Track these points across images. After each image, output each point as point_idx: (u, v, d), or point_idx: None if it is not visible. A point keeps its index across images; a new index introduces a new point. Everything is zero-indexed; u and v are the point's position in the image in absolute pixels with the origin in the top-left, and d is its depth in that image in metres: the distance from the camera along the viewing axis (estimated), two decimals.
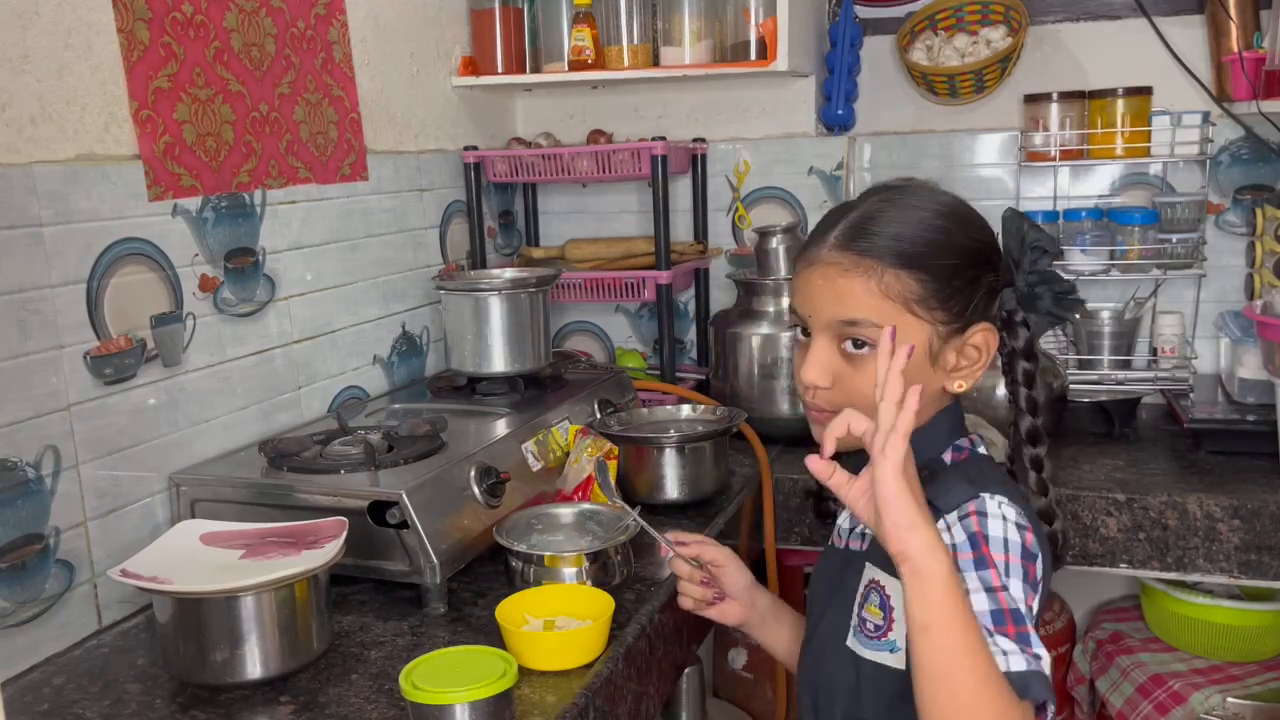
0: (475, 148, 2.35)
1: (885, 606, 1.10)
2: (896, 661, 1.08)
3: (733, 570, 1.36)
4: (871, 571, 1.13)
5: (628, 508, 1.48)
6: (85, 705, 1.24)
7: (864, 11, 2.48)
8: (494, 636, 1.30)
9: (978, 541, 1.01)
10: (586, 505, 1.62)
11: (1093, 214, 2.36)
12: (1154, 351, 2.32)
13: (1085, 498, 1.86)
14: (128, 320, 1.48)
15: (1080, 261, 2.30)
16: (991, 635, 0.94)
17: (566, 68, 2.31)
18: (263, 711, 1.21)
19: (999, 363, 1.20)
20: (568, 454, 1.75)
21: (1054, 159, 2.35)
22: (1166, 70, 2.32)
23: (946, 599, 0.92)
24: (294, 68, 1.81)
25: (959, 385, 1.12)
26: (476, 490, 1.53)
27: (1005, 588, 0.98)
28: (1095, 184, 2.43)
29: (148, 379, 1.52)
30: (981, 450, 1.17)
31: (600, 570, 1.44)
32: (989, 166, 2.48)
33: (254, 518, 1.44)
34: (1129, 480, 1.90)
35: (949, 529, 1.03)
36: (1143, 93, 2.28)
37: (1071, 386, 2.17)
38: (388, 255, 2.08)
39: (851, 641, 1.13)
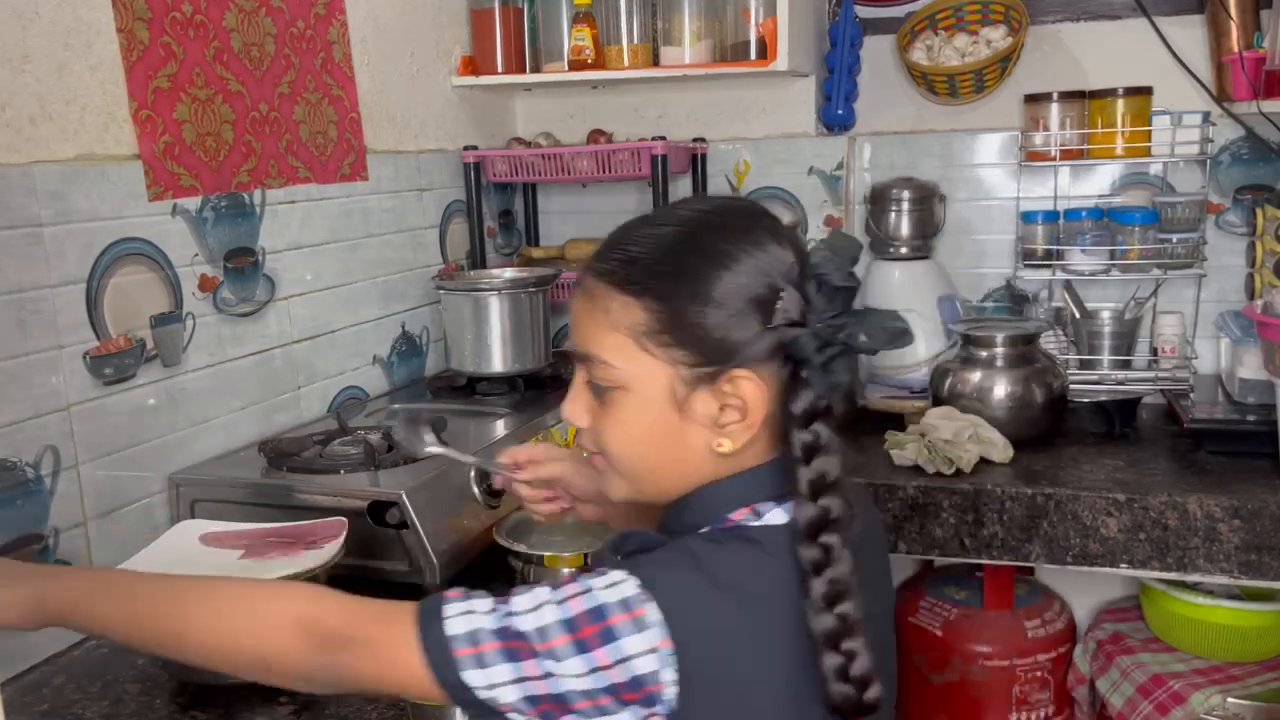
0: (475, 147, 2.35)
1: None
2: None
3: (575, 478, 1.18)
4: None
5: (463, 455, 1.32)
6: (85, 705, 1.24)
7: (864, 11, 2.48)
8: None
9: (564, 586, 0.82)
10: None
11: (1093, 214, 2.36)
12: (1154, 351, 2.32)
13: (1085, 498, 1.85)
14: (127, 320, 1.48)
15: (1080, 261, 2.30)
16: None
17: (566, 67, 2.31)
18: (262, 712, 1.21)
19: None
20: None
21: (1054, 159, 2.34)
22: (1167, 70, 2.32)
23: None
24: (294, 67, 1.81)
25: (720, 444, 0.88)
26: (476, 490, 1.53)
27: (536, 608, 0.80)
28: (1095, 184, 2.43)
29: (147, 379, 1.52)
30: (758, 524, 0.88)
31: None
32: (989, 166, 2.48)
33: (254, 518, 1.43)
34: (1129, 480, 1.90)
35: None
36: (1143, 93, 2.28)
37: (1072, 386, 2.17)
38: (387, 255, 2.08)
39: None
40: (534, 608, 0.80)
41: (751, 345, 0.85)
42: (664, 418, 0.88)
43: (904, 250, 2.41)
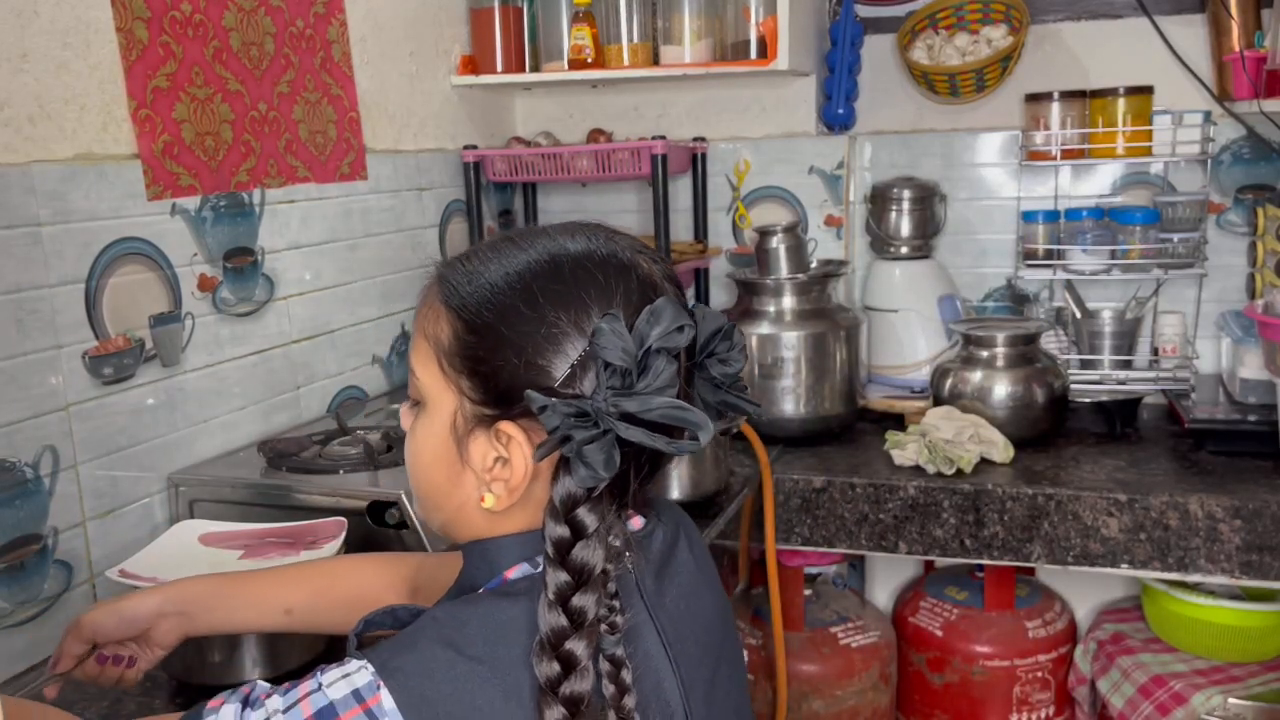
0: (475, 147, 2.35)
1: None
2: None
3: (94, 625, 1.03)
4: None
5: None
6: (84, 705, 1.23)
7: (864, 10, 2.48)
8: None
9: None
10: None
11: (1094, 213, 2.35)
12: (1155, 351, 2.32)
13: (1086, 498, 1.85)
14: (126, 320, 1.48)
15: (1081, 261, 2.30)
16: None
17: (566, 67, 2.31)
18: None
19: None
20: None
21: (1055, 158, 2.34)
22: (1168, 69, 2.31)
23: None
24: (293, 67, 1.81)
25: (484, 499, 0.79)
26: None
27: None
28: (1096, 183, 2.43)
29: (146, 379, 1.51)
30: (534, 573, 0.79)
31: None
32: (990, 166, 2.48)
33: (253, 518, 1.43)
34: (1130, 480, 1.90)
35: None
36: (1144, 92, 2.27)
37: (1072, 386, 2.17)
38: (387, 255, 2.08)
39: None
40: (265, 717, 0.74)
41: (532, 404, 0.73)
42: (446, 447, 0.80)
43: (904, 250, 2.41)
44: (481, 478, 0.79)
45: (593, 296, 0.76)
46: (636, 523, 0.84)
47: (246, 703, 0.78)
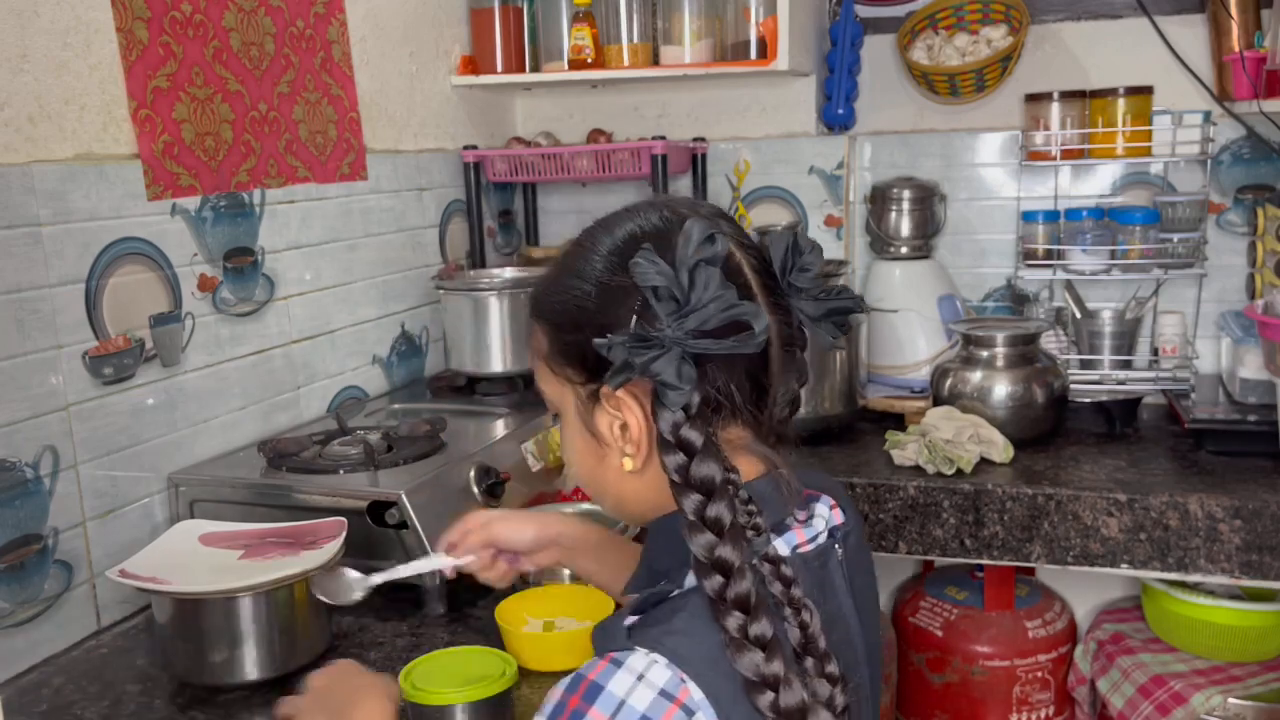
0: (475, 147, 2.35)
1: None
2: None
3: (508, 532, 1.17)
4: None
5: (402, 569, 1.22)
6: (84, 706, 1.23)
7: (864, 10, 2.48)
8: (494, 637, 1.30)
9: (574, 685, 0.73)
10: (586, 505, 1.62)
11: (1094, 213, 2.35)
12: (1155, 351, 2.32)
13: (1086, 498, 1.85)
14: (126, 320, 1.48)
15: (1081, 261, 2.30)
16: None
17: (566, 67, 2.31)
18: (262, 712, 1.21)
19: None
20: None
21: (1055, 158, 2.34)
22: (1168, 70, 2.32)
23: None
24: (293, 67, 1.81)
25: (624, 464, 0.85)
26: (476, 490, 1.53)
27: None
28: (1096, 183, 2.43)
29: (146, 379, 1.51)
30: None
31: None
32: (990, 166, 2.48)
33: (253, 518, 1.43)
34: (1130, 480, 1.90)
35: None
36: (1144, 92, 2.28)
37: (1072, 386, 2.17)
38: (387, 255, 2.08)
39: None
40: None
41: (600, 350, 0.79)
42: (583, 437, 0.88)
43: (904, 250, 2.41)
44: (617, 447, 0.85)
45: (614, 262, 0.83)
46: (838, 515, 0.90)
47: None
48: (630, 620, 0.78)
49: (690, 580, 0.80)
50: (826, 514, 0.89)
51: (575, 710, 0.72)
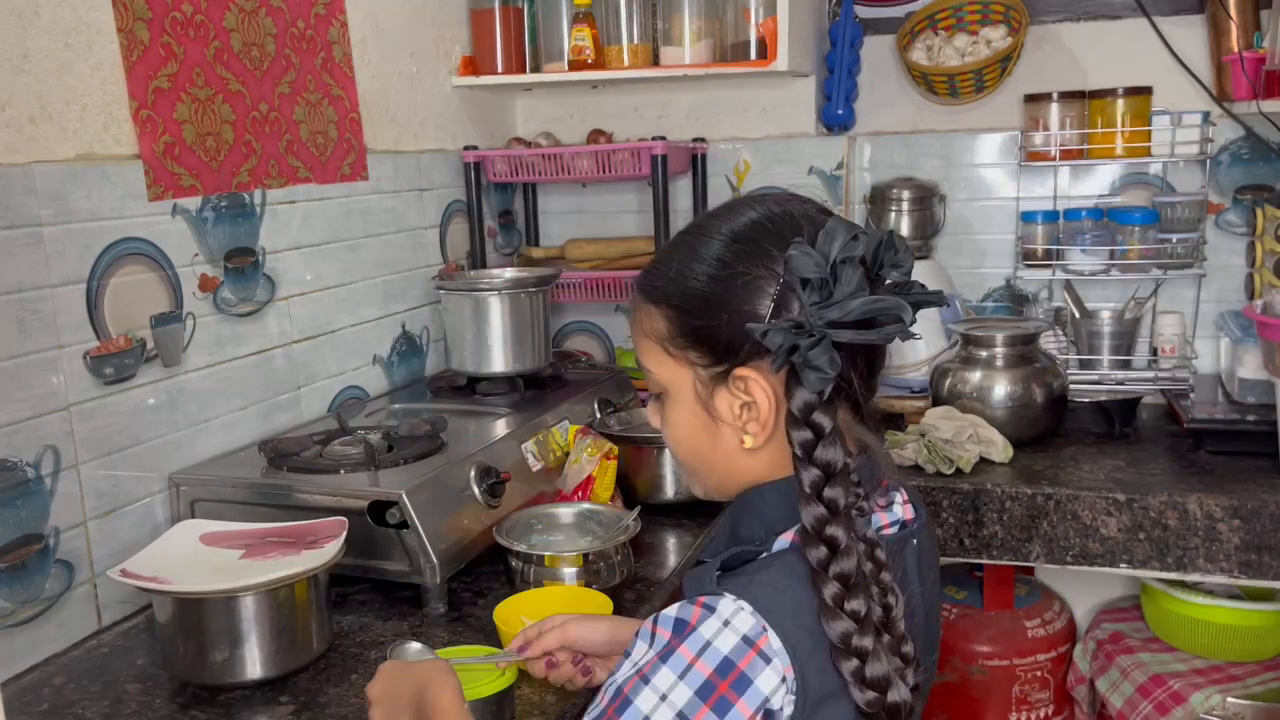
0: (475, 147, 2.35)
1: None
2: None
3: (581, 631, 1.15)
4: None
5: (476, 659, 1.18)
6: (85, 705, 1.24)
7: (864, 11, 2.48)
8: (494, 636, 1.30)
9: (672, 623, 0.81)
10: (586, 505, 1.62)
11: (1093, 214, 2.36)
12: (1154, 351, 2.32)
13: (1085, 498, 1.85)
14: (127, 320, 1.48)
15: (1080, 261, 2.30)
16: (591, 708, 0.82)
17: (566, 67, 2.31)
18: (263, 712, 1.21)
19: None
20: (568, 454, 1.75)
21: (1054, 159, 2.35)
22: (1167, 70, 2.32)
23: None
24: (294, 67, 1.81)
25: (745, 441, 0.91)
26: (476, 490, 1.53)
27: (646, 679, 0.79)
28: (1095, 184, 2.43)
29: (147, 379, 1.52)
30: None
31: (600, 570, 1.44)
32: (989, 166, 2.48)
33: (254, 518, 1.44)
34: (1129, 480, 1.90)
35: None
36: (1143, 92, 2.28)
37: (1072, 386, 2.17)
38: (387, 255, 2.08)
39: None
40: (660, 699, 0.78)
41: (749, 344, 0.87)
42: (698, 416, 0.93)
43: None
44: (735, 426, 0.91)
45: (773, 243, 0.88)
46: (909, 511, 0.95)
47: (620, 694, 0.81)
48: (717, 573, 0.84)
49: (778, 545, 0.87)
50: (899, 505, 0.95)
51: (668, 645, 0.80)
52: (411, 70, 2.18)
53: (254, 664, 1.23)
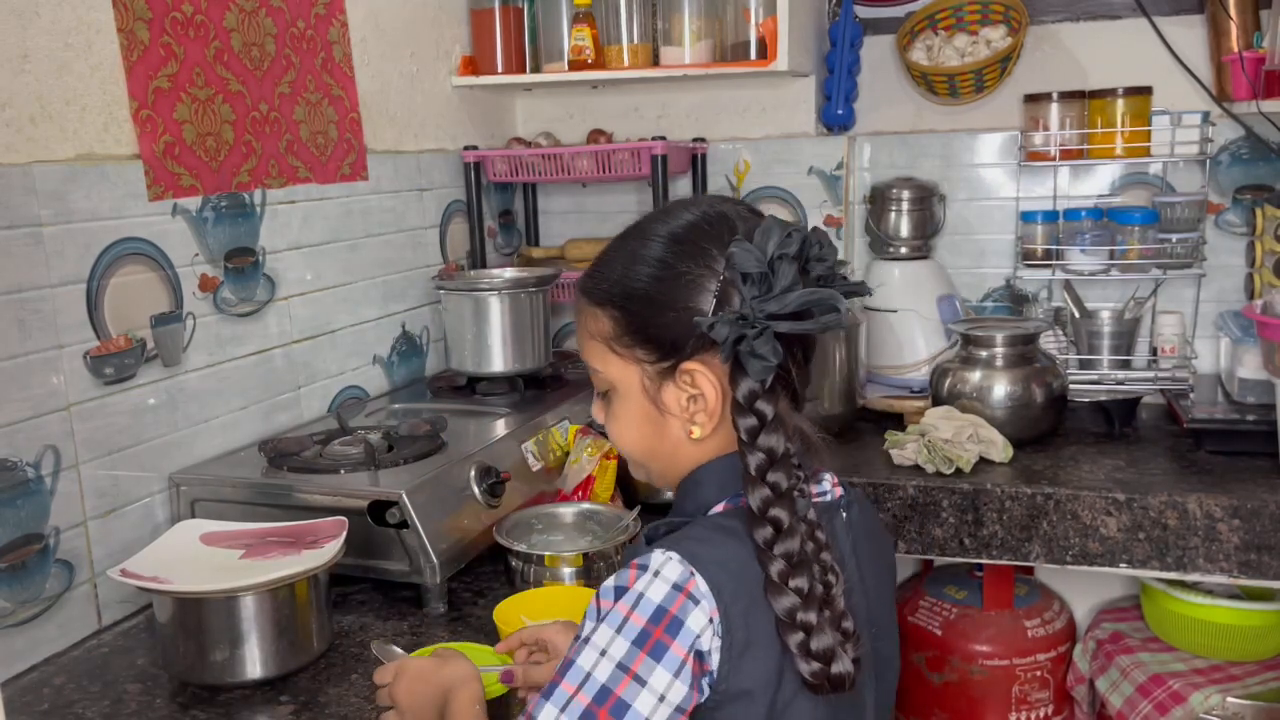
0: (475, 147, 2.35)
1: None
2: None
3: (560, 640, 1.15)
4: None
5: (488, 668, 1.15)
6: (85, 705, 1.24)
7: (864, 11, 2.48)
8: (494, 636, 1.30)
9: (611, 592, 0.87)
10: (586, 505, 1.62)
11: (1093, 214, 2.36)
12: (1154, 351, 2.32)
13: (1085, 497, 1.85)
14: (127, 320, 1.48)
15: (1080, 261, 2.30)
16: (547, 689, 0.85)
17: (566, 67, 2.31)
18: (263, 711, 1.21)
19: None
20: (568, 454, 1.75)
21: (1054, 159, 2.34)
22: (1167, 70, 2.32)
23: None
24: (294, 67, 1.81)
25: (693, 431, 0.96)
26: (476, 490, 1.53)
27: (602, 651, 0.84)
28: (1095, 184, 2.43)
29: (148, 379, 1.52)
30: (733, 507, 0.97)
31: (600, 570, 1.44)
32: (989, 166, 2.48)
33: (254, 518, 1.44)
34: (1129, 480, 1.90)
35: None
36: (1143, 92, 2.28)
37: (1071, 386, 2.17)
38: (387, 255, 2.08)
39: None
40: (600, 654, 0.84)
41: (694, 339, 0.92)
42: (645, 410, 0.98)
43: (904, 250, 2.42)
44: (683, 418, 0.96)
45: (711, 243, 0.93)
46: (839, 490, 1.02)
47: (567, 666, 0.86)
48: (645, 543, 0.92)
49: (720, 508, 0.94)
50: (828, 484, 1.02)
51: (606, 611, 0.86)
52: (411, 70, 2.18)
53: (254, 664, 1.23)
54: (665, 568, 0.85)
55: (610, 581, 0.88)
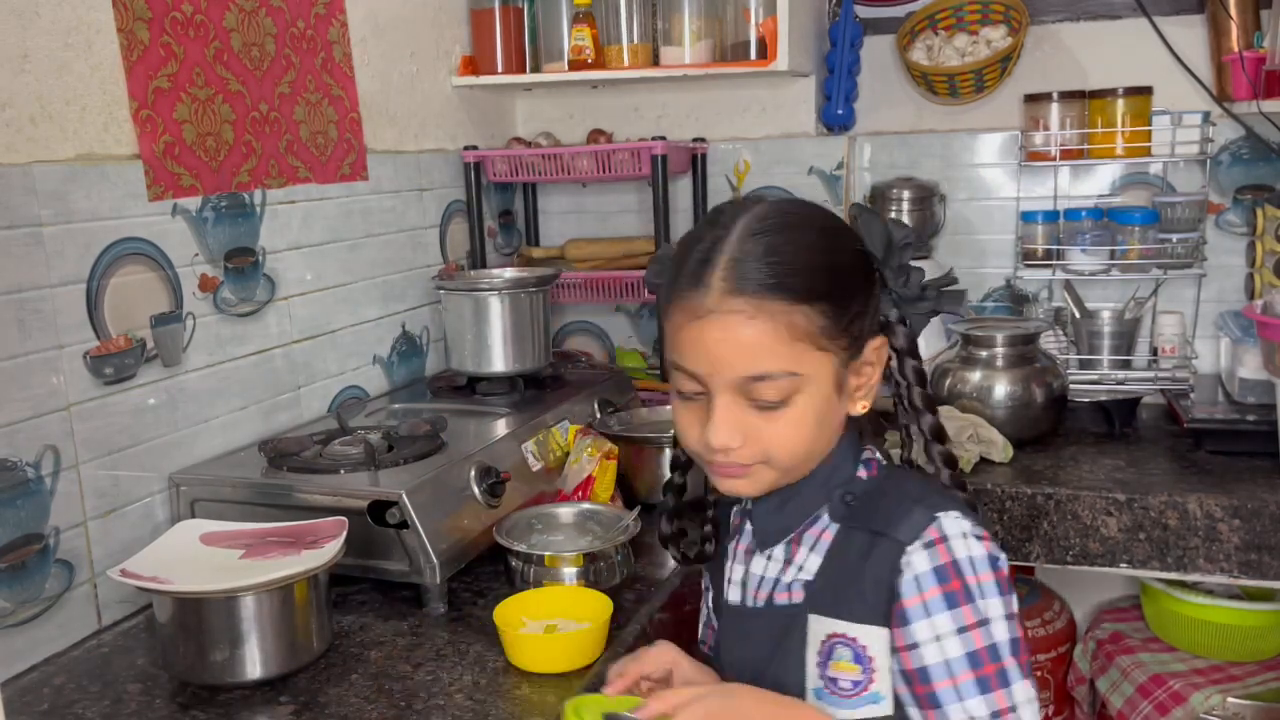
0: (475, 147, 2.35)
1: (861, 659, 0.97)
2: (885, 709, 0.97)
3: (685, 666, 1.09)
4: (824, 624, 0.99)
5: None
6: (85, 705, 1.24)
7: (864, 11, 2.48)
8: (494, 636, 1.30)
9: (946, 573, 0.94)
10: (586, 505, 1.62)
11: (1093, 214, 2.36)
12: (1154, 351, 2.32)
13: (1085, 497, 1.85)
14: (127, 320, 1.48)
15: (1080, 261, 2.30)
16: (961, 688, 0.92)
17: (566, 67, 2.31)
18: (263, 711, 1.21)
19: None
20: (568, 454, 1.75)
21: (1054, 159, 2.34)
22: (1167, 70, 2.32)
23: None
24: (294, 67, 1.81)
25: (861, 407, 1.04)
26: (476, 490, 1.53)
27: (984, 621, 0.93)
28: (1095, 184, 2.43)
29: (147, 379, 1.52)
30: (879, 458, 1.11)
31: (600, 570, 1.44)
32: (989, 166, 2.48)
33: (254, 518, 1.44)
34: (1129, 480, 1.90)
35: (910, 562, 0.95)
36: (1143, 92, 2.28)
37: (1072, 386, 2.17)
38: (387, 255, 2.08)
39: (818, 706, 0.99)
40: (982, 622, 0.94)
41: (873, 315, 1.02)
42: (829, 403, 1.00)
43: None
44: (858, 396, 1.04)
45: (850, 230, 1.01)
46: None
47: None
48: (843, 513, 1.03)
49: (863, 472, 1.08)
50: None
51: (957, 590, 0.94)
52: (411, 70, 2.18)
53: (254, 664, 1.23)
54: (958, 524, 0.96)
55: (924, 567, 0.94)
